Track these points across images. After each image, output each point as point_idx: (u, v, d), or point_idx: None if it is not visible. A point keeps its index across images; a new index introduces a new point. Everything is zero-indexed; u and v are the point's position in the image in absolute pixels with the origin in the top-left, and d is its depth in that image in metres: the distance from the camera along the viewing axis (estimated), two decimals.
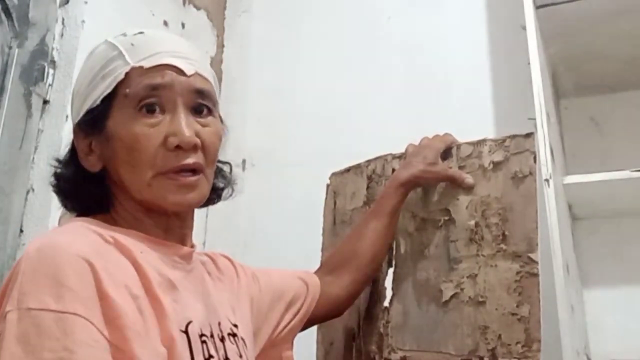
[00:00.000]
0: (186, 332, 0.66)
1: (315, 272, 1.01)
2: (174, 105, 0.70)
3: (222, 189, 0.82)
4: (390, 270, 1.04)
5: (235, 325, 0.77)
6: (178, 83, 0.70)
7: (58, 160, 0.75)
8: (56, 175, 0.74)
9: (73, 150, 0.74)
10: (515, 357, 0.87)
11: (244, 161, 1.66)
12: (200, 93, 0.72)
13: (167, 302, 0.64)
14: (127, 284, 0.61)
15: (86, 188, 0.72)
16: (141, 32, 0.73)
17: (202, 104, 0.72)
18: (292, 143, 1.64)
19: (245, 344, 0.77)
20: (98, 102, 0.70)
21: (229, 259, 0.89)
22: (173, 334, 0.63)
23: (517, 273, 0.90)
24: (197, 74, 0.72)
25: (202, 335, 0.68)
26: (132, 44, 0.71)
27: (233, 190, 0.82)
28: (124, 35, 0.73)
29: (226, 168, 0.83)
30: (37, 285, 0.56)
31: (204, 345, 0.67)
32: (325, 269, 1.01)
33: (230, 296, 0.82)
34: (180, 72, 0.70)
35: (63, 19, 1.23)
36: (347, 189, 1.14)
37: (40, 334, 0.54)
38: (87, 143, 0.72)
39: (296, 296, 0.92)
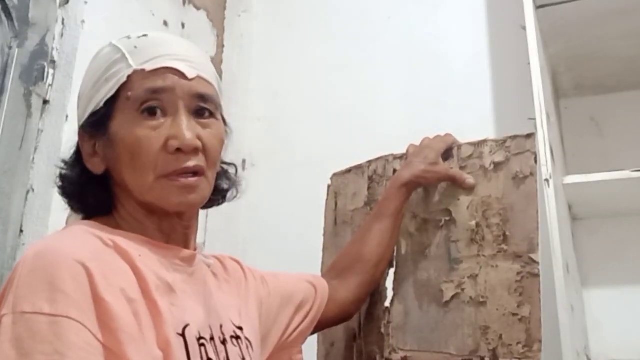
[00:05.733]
0: (183, 335, 0.65)
1: (323, 277, 1.01)
2: (175, 108, 0.70)
3: (227, 190, 0.82)
4: (391, 271, 1.04)
5: (240, 328, 0.77)
6: (179, 87, 0.70)
7: (64, 162, 0.75)
8: (61, 177, 0.75)
9: (78, 151, 0.74)
10: (516, 357, 0.87)
11: (244, 161, 1.66)
12: (202, 96, 0.72)
13: (164, 305, 0.64)
14: (123, 288, 0.61)
15: (90, 190, 0.73)
16: (145, 35, 0.73)
17: (203, 107, 0.72)
18: (292, 143, 1.64)
19: (251, 345, 0.77)
20: (101, 104, 0.70)
21: (238, 262, 0.89)
22: (169, 337, 0.63)
23: (518, 273, 0.91)
24: (199, 77, 0.72)
25: (200, 338, 0.68)
26: (136, 47, 0.71)
27: (237, 191, 0.82)
28: (128, 38, 0.73)
29: (231, 169, 0.83)
30: (32, 289, 0.56)
31: (202, 349, 0.67)
32: (332, 273, 1.01)
33: (238, 299, 0.82)
34: (181, 75, 0.70)
35: (63, 19, 1.23)
36: (348, 190, 1.14)
37: (33, 338, 0.54)
38: (91, 145, 0.72)
39: (305, 299, 0.92)
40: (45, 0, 1.20)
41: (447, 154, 1.02)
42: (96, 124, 0.71)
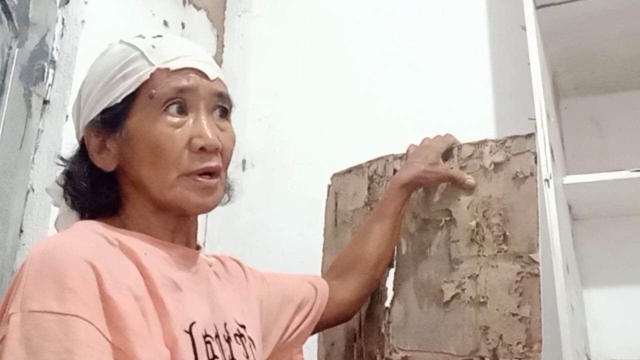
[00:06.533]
0: (190, 332, 0.66)
1: (323, 277, 1.01)
2: (197, 107, 0.71)
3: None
4: (392, 271, 1.04)
5: (243, 326, 0.77)
6: (202, 87, 0.71)
7: (63, 159, 0.75)
8: (68, 174, 0.74)
9: (83, 148, 0.74)
10: (516, 358, 0.87)
11: (244, 161, 1.66)
12: (221, 96, 0.74)
13: (171, 303, 0.65)
14: (130, 286, 0.61)
15: (100, 187, 0.72)
16: (160, 35, 0.74)
17: (222, 107, 0.74)
18: (292, 143, 1.63)
19: (253, 344, 0.77)
20: (118, 101, 0.70)
21: (238, 262, 0.89)
22: (176, 335, 0.63)
23: (518, 273, 0.91)
24: (218, 79, 0.74)
25: (206, 335, 0.68)
26: (154, 46, 0.72)
27: (230, 197, 0.82)
28: (142, 37, 0.74)
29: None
30: (40, 287, 0.57)
31: (208, 346, 0.68)
32: (332, 273, 1.02)
33: (239, 297, 0.82)
34: (204, 76, 0.72)
35: (63, 19, 1.23)
36: (348, 190, 1.14)
37: (42, 336, 0.54)
38: (99, 141, 0.72)
39: (305, 300, 0.92)
40: (45, 0, 1.20)
41: (447, 154, 1.02)
42: (109, 121, 0.70)
